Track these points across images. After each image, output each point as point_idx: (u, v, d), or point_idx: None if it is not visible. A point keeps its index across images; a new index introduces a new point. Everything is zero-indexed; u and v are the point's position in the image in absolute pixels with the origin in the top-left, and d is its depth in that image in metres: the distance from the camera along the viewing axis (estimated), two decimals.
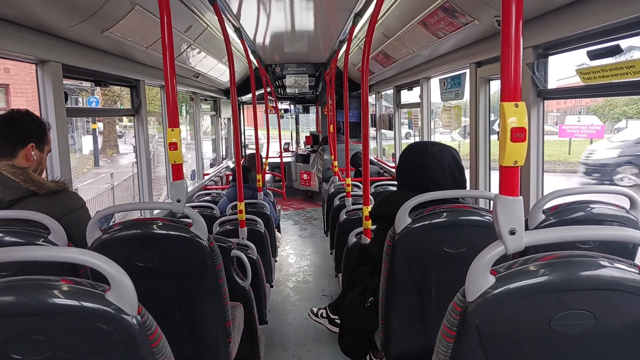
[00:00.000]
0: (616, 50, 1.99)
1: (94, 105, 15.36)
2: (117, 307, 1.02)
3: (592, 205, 1.83)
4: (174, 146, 1.80)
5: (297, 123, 10.59)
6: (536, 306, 0.97)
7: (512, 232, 0.99)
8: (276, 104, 8.42)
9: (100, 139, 20.57)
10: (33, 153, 1.91)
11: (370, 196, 3.07)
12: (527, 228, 1.72)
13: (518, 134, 0.96)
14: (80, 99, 17.32)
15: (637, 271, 0.97)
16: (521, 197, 1.00)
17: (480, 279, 0.98)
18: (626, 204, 1.88)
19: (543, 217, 1.83)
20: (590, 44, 2.17)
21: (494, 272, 0.99)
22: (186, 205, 1.84)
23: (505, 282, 0.97)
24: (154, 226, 1.80)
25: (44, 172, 2.05)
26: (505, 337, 1.00)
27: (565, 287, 0.96)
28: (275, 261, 4.57)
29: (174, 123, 1.81)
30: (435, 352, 1.09)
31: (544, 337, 0.99)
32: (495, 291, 0.97)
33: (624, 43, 2.00)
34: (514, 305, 0.97)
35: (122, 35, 2.86)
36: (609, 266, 0.97)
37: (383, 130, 7.41)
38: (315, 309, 2.93)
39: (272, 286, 3.96)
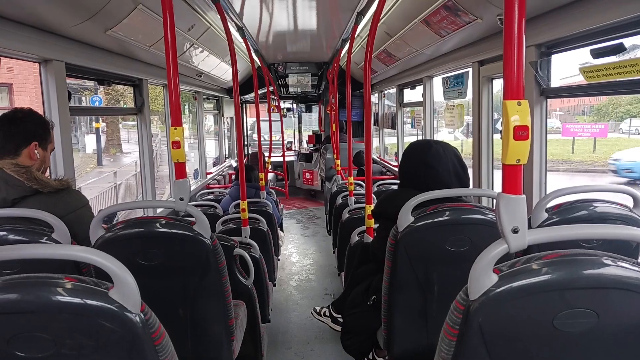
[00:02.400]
0: (619, 49, 1.98)
1: (97, 104, 15.40)
2: (120, 305, 1.02)
3: (595, 204, 1.82)
4: (176, 145, 1.81)
5: (299, 122, 10.58)
6: (539, 305, 0.97)
7: (515, 231, 0.98)
8: (279, 103, 8.42)
9: (103, 138, 20.58)
10: (36, 152, 1.92)
11: (373, 195, 3.07)
12: (529, 226, 1.71)
13: (521, 132, 0.96)
14: (83, 98, 17.37)
15: None
16: (524, 196, 0.99)
17: (483, 277, 0.97)
18: (629, 202, 1.87)
19: (546, 215, 1.83)
20: (593, 43, 2.16)
21: (497, 270, 0.99)
22: (189, 203, 1.84)
23: (508, 281, 0.97)
24: (157, 225, 1.80)
25: (47, 171, 2.06)
26: (508, 335, 1.00)
27: (568, 285, 0.95)
28: (278, 260, 4.57)
29: (176, 122, 1.82)
30: (438, 351, 1.09)
31: (547, 336, 0.98)
32: (498, 290, 0.96)
33: (627, 41, 1.99)
34: (516, 304, 0.97)
35: (125, 34, 2.87)
36: (612, 265, 0.97)
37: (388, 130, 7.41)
38: (317, 308, 2.94)
39: (274, 285, 3.96)
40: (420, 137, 5.39)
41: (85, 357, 1.04)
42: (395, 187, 4.26)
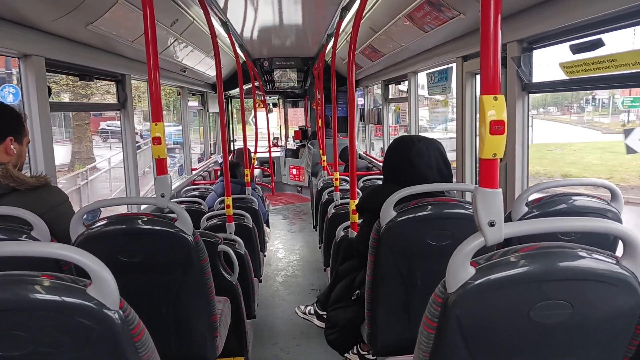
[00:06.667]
0: (598, 44, 2.01)
1: (10, 96, 12.48)
2: (98, 302, 1.01)
3: (574, 198, 1.84)
4: (157, 141, 1.80)
5: (285, 118, 10.57)
6: (515, 297, 0.98)
7: (492, 224, 0.99)
8: (264, 99, 8.39)
9: (69, 148, 14.28)
10: (12, 147, 1.88)
11: (358, 190, 3.08)
12: (510, 220, 1.73)
13: (497, 127, 0.97)
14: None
15: (614, 262, 0.99)
16: (500, 189, 1.00)
17: (460, 270, 0.98)
18: (608, 196, 1.90)
19: (526, 209, 1.85)
20: (573, 38, 2.19)
21: (474, 263, 1.00)
22: (172, 200, 1.83)
23: (485, 273, 0.98)
24: (139, 221, 1.79)
25: (26, 165, 2.01)
26: (485, 327, 1.02)
27: (543, 277, 0.97)
28: (264, 256, 4.57)
29: (157, 117, 1.80)
30: (418, 343, 1.10)
31: (523, 327, 1.00)
32: (475, 282, 0.98)
33: (606, 37, 2.02)
34: (493, 296, 0.98)
35: (107, 28, 2.83)
36: (586, 257, 0.99)
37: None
38: (302, 307, 2.94)
39: (260, 280, 3.96)
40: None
41: (63, 354, 1.03)
42: (381, 182, 4.28)
